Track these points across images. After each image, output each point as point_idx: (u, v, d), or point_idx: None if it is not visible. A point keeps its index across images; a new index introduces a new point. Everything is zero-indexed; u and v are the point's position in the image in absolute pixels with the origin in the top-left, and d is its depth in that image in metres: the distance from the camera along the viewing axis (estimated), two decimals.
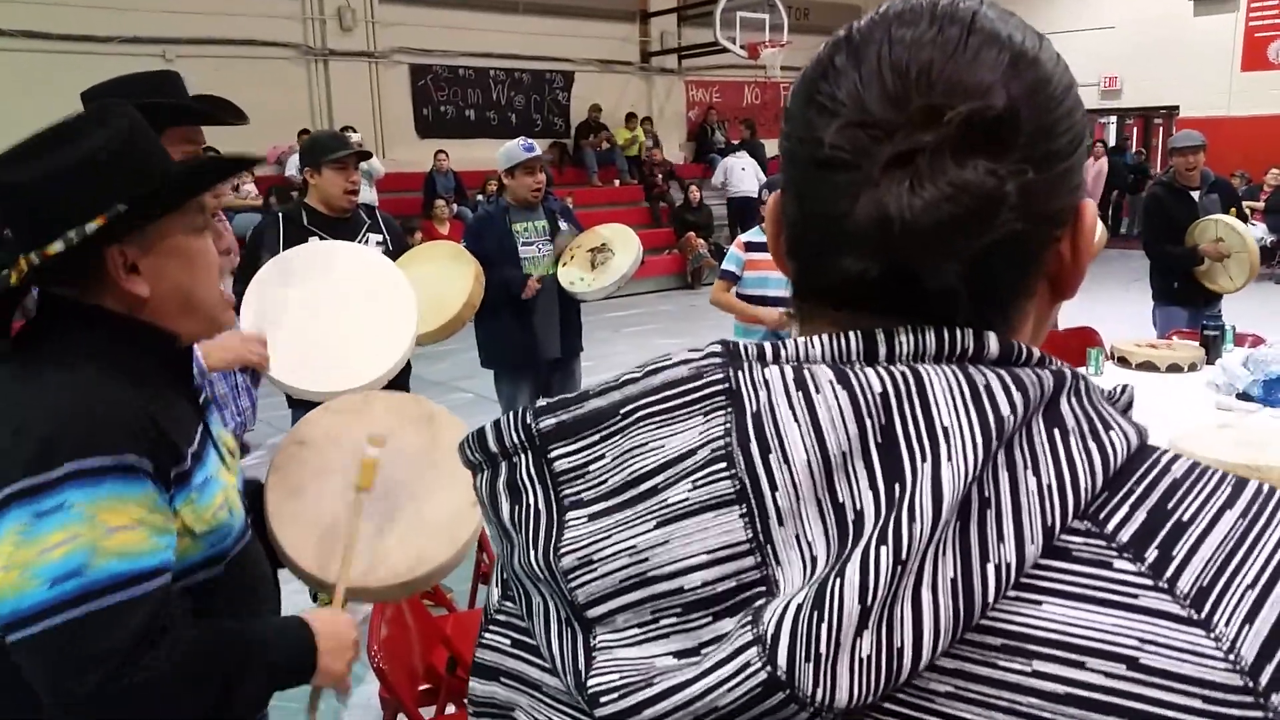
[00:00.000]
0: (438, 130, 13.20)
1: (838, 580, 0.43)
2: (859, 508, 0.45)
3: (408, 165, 12.05)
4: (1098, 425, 0.48)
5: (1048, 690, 0.44)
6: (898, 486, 0.45)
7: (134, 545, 1.09)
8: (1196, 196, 5.03)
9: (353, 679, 3.46)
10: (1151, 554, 0.45)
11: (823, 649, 0.43)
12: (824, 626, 0.43)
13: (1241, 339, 4.20)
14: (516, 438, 0.52)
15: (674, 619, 0.47)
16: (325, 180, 3.37)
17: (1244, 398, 3.38)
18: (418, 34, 12.85)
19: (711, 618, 0.46)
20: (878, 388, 0.47)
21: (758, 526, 0.46)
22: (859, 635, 0.43)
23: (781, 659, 0.43)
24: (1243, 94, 13.82)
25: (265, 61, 11.58)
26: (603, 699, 0.47)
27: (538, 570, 0.50)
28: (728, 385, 0.49)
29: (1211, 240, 4.84)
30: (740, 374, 0.49)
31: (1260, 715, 0.42)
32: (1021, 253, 0.50)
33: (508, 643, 0.58)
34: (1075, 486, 0.46)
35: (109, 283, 1.18)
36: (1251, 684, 0.42)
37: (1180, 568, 0.45)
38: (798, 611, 0.43)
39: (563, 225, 4.18)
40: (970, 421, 0.45)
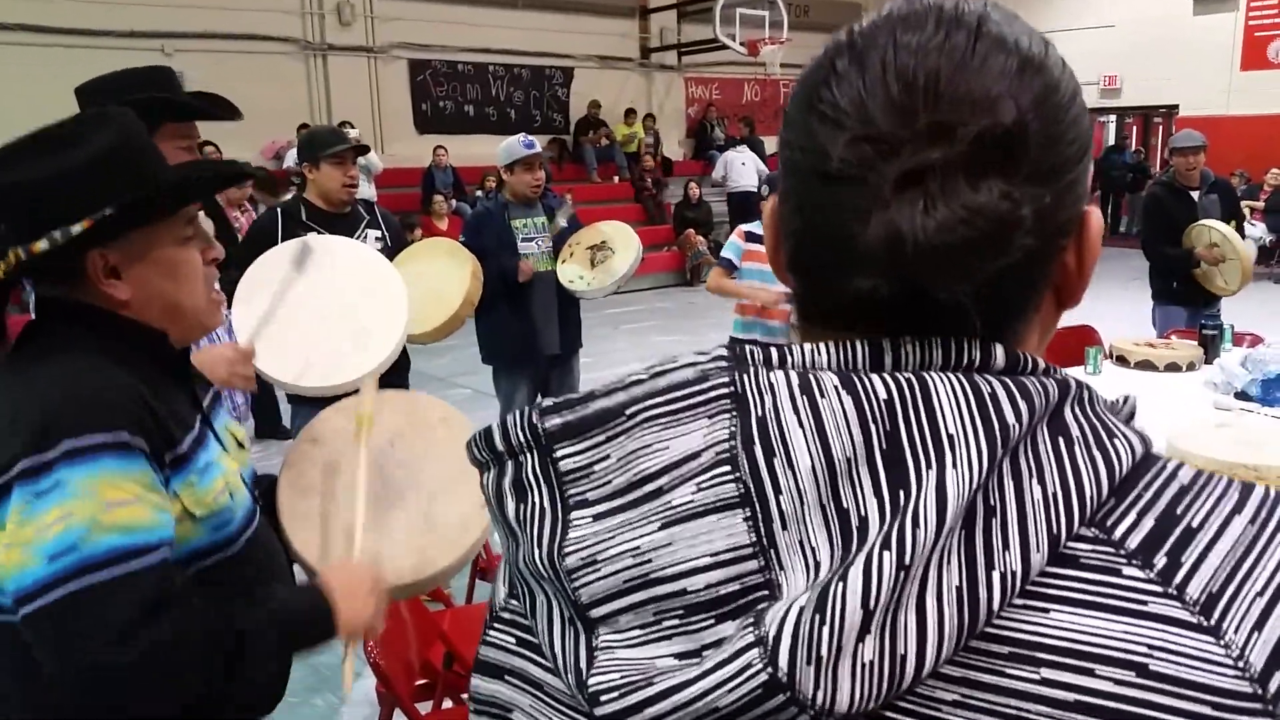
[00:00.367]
0: (437, 126, 13.18)
1: (840, 584, 0.43)
2: (863, 513, 0.45)
3: (406, 161, 12.04)
4: (1102, 433, 0.48)
5: (1056, 698, 0.43)
6: (902, 493, 0.45)
7: (133, 519, 1.11)
8: (1196, 197, 5.03)
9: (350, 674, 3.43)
10: (1160, 560, 0.45)
11: (824, 652, 0.42)
12: (826, 630, 0.43)
13: (1240, 338, 4.21)
14: (522, 436, 0.52)
15: (676, 621, 0.47)
16: (323, 175, 3.36)
17: (1242, 397, 3.38)
18: (417, 29, 12.83)
19: (714, 620, 0.46)
20: (883, 394, 0.47)
21: (761, 530, 0.46)
22: (861, 640, 0.43)
23: (783, 661, 0.43)
24: (1242, 93, 13.82)
25: (264, 56, 11.56)
26: (603, 698, 0.47)
27: (542, 569, 0.51)
28: (733, 389, 0.49)
29: (1206, 245, 4.84)
30: (746, 378, 0.49)
31: None
32: (1032, 269, 0.50)
33: (512, 641, 0.58)
34: (1081, 494, 0.46)
35: (89, 283, 1.21)
36: (1260, 691, 0.42)
37: (1189, 574, 0.45)
38: (800, 614, 0.43)
39: (561, 219, 4.17)
40: (975, 429, 0.45)
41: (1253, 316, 5.25)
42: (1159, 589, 0.44)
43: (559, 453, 0.51)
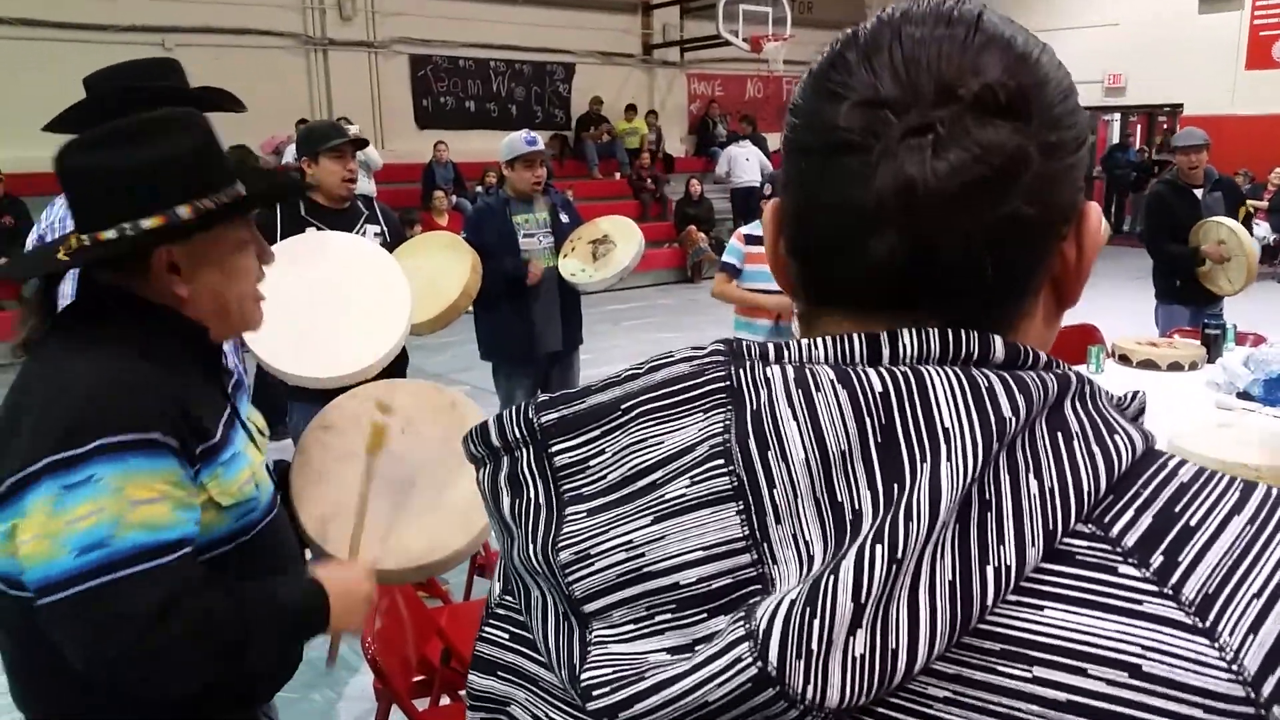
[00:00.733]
0: (437, 121, 13.18)
1: (831, 577, 0.43)
2: (857, 507, 0.45)
3: (407, 156, 12.03)
4: (1103, 429, 0.48)
5: (1048, 697, 0.43)
6: (896, 486, 0.44)
7: (158, 518, 1.14)
8: (1200, 195, 5.02)
9: (347, 670, 3.46)
10: (1157, 559, 0.45)
11: (814, 646, 0.42)
12: (816, 623, 0.42)
13: (1243, 338, 4.20)
14: (518, 432, 0.52)
15: (669, 615, 0.47)
16: (323, 169, 3.36)
17: (1244, 397, 3.38)
18: (418, 24, 12.84)
19: (706, 614, 0.46)
20: (879, 387, 0.46)
21: (755, 523, 0.46)
22: (852, 634, 0.42)
23: (773, 655, 0.42)
24: (1247, 93, 13.79)
25: (264, 51, 11.57)
26: (595, 692, 0.47)
27: (536, 564, 0.51)
28: (729, 383, 0.49)
29: (1214, 242, 4.83)
30: (742, 372, 0.49)
31: None
32: (1032, 239, 0.50)
33: (506, 637, 0.58)
34: (1078, 489, 0.46)
35: (150, 276, 1.24)
36: (1253, 695, 0.42)
37: (1186, 574, 0.44)
38: (790, 608, 0.43)
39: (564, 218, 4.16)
40: (971, 423, 0.45)
41: (1256, 316, 5.24)
42: (1155, 588, 0.44)
43: (554, 448, 0.51)
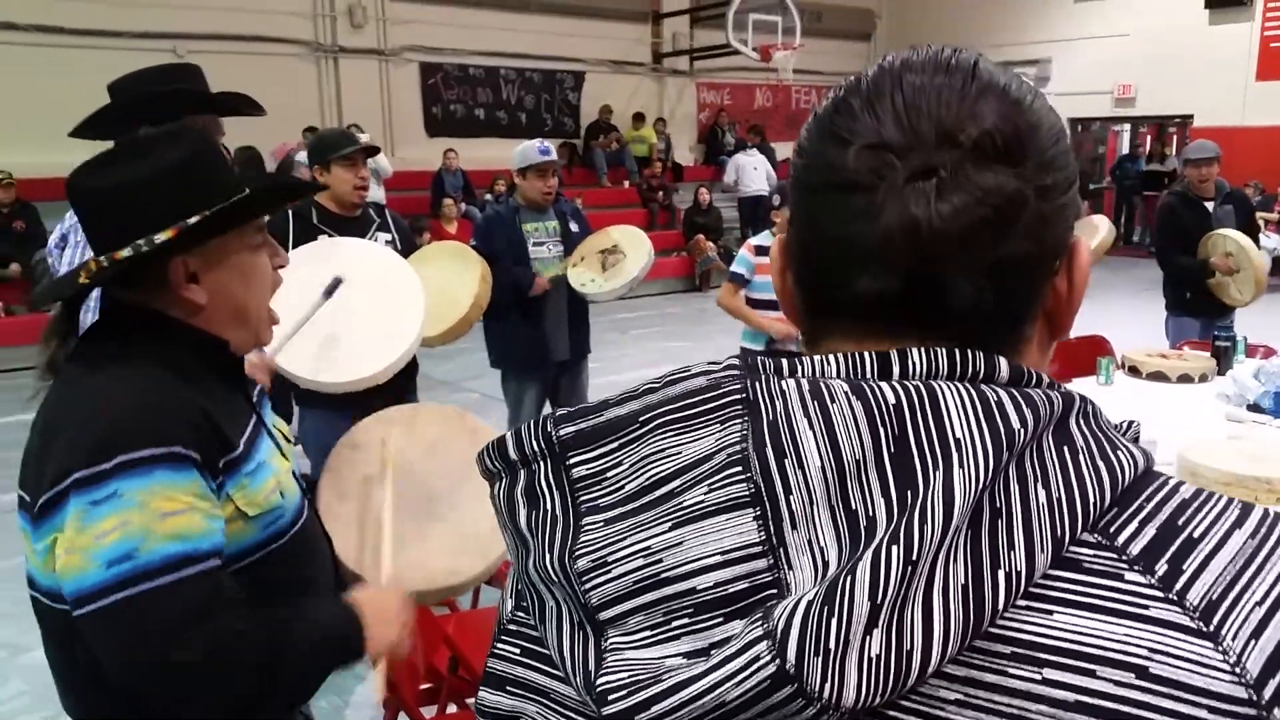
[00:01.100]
0: (447, 129, 13.22)
1: (848, 578, 0.44)
2: (871, 513, 0.46)
3: (416, 164, 12.07)
4: (1106, 445, 0.50)
5: (1057, 698, 0.44)
6: (910, 493, 0.46)
7: (187, 528, 1.16)
8: (1210, 207, 5.01)
9: (353, 678, 3.45)
10: (1162, 567, 0.47)
11: (832, 644, 0.43)
12: (834, 622, 0.43)
13: (1253, 350, 4.19)
14: (536, 445, 0.54)
15: (685, 620, 0.48)
16: (334, 177, 3.36)
17: (1255, 409, 3.36)
18: (428, 32, 12.88)
19: (722, 619, 0.47)
20: (892, 400, 0.48)
21: (771, 529, 0.47)
22: (869, 633, 0.43)
23: (791, 653, 0.44)
24: (1257, 104, 13.74)
25: (275, 58, 11.61)
26: (610, 697, 0.48)
27: (553, 573, 0.51)
28: (745, 395, 0.51)
29: (1222, 254, 4.82)
30: (758, 385, 0.51)
31: None
32: (1029, 274, 0.53)
33: (518, 652, 0.59)
34: (1085, 500, 0.47)
35: (169, 290, 1.27)
36: (1255, 697, 0.43)
37: (1190, 581, 0.46)
38: (808, 608, 0.44)
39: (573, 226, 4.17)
40: (982, 433, 0.47)
41: (1266, 329, 5.21)
42: (1160, 594, 0.46)
43: (572, 460, 0.52)
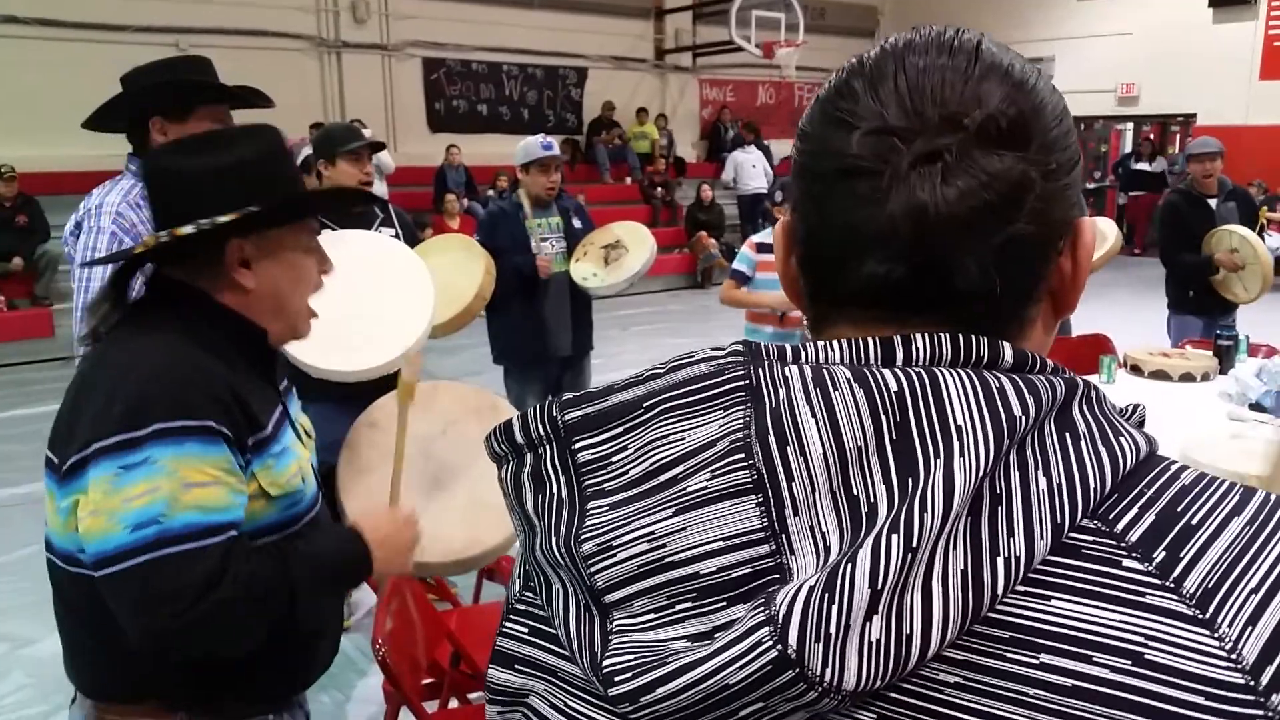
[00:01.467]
0: (450, 125, 13.21)
1: (849, 565, 0.45)
2: (873, 500, 0.47)
3: (419, 159, 12.06)
4: (1108, 431, 0.50)
5: (1054, 682, 0.45)
6: (911, 480, 0.46)
7: (210, 500, 1.22)
8: (1214, 205, 5.00)
9: (356, 673, 3.46)
10: (1159, 554, 0.47)
11: (832, 630, 0.44)
12: (834, 608, 0.44)
13: (1255, 349, 4.19)
14: (542, 429, 0.54)
15: (689, 604, 0.48)
16: (340, 172, 3.37)
17: (1256, 408, 3.36)
18: (431, 27, 12.87)
19: (725, 603, 0.48)
20: (894, 386, 0.48)
21: (773, 515, 0.48)
22: (869, 619, 0.44)
23: (792, 638, 0.44)
24: (1261, 103, 13.70)
25: (278, 53, 11.60)
26: (617, 678, 0.48)
27: (559, 556, 0.52)
28: (748, 381, 0.51)
29: (1226, 250, 4.81)
30: (761, 371, 0.51)
31: (1260, 714, 0.43)
32: (1033, 255, 0.53)
33: (525, 631, 0.60)
34: (1085, 486, 0.48)
35: (220, 271, 1.35)
36: (1252, 683, 0.43)
37: (1187, 569, 0.46)
38: (809, 594, 0.45)
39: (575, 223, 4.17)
40: (983, 420, 0.47)
41: (1268, 328, 5.21)
42: (1157, 582, 0.46)
43: (577, 444, 0.53)
